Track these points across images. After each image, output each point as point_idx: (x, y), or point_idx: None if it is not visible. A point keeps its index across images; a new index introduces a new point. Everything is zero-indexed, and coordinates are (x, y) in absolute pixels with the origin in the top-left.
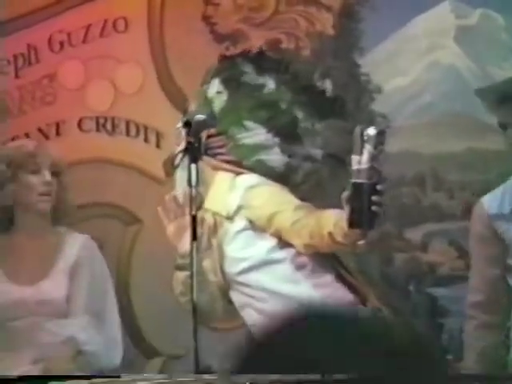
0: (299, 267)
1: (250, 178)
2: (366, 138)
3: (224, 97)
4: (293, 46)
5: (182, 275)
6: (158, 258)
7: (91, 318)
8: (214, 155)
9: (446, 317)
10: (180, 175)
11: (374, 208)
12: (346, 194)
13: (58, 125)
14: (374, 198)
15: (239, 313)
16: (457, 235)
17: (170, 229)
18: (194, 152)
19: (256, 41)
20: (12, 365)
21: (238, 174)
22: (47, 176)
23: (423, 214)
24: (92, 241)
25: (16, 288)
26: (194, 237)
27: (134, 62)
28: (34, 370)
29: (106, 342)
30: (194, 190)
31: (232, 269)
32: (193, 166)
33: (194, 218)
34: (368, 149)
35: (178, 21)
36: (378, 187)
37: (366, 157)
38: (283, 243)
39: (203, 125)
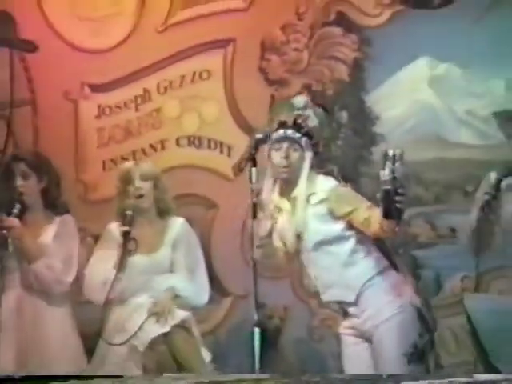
0: (358, 241)
1: (328, 179)
2: (386, 157)
3: None
4: (320, 89)
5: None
6: (230, 232)
7: (187, 273)
8: None
9: (422, 269)
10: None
11: (398, 205)
12: (379, 197)
13: (162, 142)
14: (397, 198)
15: (306, 270)
16: (430, 216)
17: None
18: (253, 159)
19: (295, 85)
20: (134, 301)
21: (317, 173)
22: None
23: (407, 201)
24: (186, 222)
25: (140, 257)
26: (254, 216)
27: (214, 99)
28: (147, 304)
29: (196, 289)
30: (254, 186)
31: (312, 239)
32: (253, 169)
33: (254, 204)
34: (388, 165)
35: (242, 71)
36: (399, 191)
37: (387, 171)
38: (350, 224)
39: (260, 142)
